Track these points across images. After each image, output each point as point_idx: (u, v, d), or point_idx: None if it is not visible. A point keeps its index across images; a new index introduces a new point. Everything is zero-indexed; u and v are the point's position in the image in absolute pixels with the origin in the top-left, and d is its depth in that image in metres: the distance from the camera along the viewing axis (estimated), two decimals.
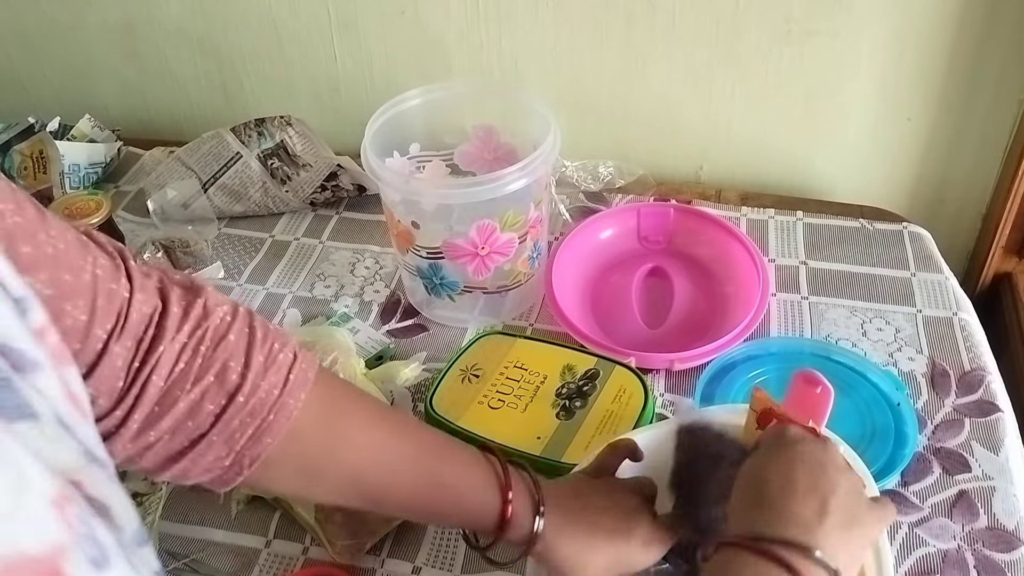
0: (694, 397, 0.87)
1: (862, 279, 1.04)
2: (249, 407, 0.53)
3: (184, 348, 0.51)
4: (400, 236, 0.95)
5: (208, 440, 0.52)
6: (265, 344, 0.54)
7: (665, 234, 1.08)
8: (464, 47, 1.22)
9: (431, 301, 1.00)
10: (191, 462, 0.53)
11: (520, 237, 0.94)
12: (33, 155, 1.20)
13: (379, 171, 0.90)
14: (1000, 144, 1.15)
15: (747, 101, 1.19)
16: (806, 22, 1.10)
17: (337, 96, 1.32)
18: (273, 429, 0.54)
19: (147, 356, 0.50)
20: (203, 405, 0.52)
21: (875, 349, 0.94)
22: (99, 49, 1.36)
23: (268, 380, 0.53)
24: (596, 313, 1.02)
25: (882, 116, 1.17)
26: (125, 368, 0.49)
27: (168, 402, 0.51)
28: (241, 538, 0.80)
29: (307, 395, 0.55)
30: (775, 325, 0.98)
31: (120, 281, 0.49)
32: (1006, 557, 0.75)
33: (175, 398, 0.51)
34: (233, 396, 0.52)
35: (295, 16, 1.25)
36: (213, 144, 1.17)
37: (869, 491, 0.59)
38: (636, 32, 1.15)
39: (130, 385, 0.50)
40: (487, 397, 0.84)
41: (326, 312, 1.03)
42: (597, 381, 0.84)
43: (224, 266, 1.09)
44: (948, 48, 1.09)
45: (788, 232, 1.11)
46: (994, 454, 0.83)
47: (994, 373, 0.92)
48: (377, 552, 0.78)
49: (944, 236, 1.14)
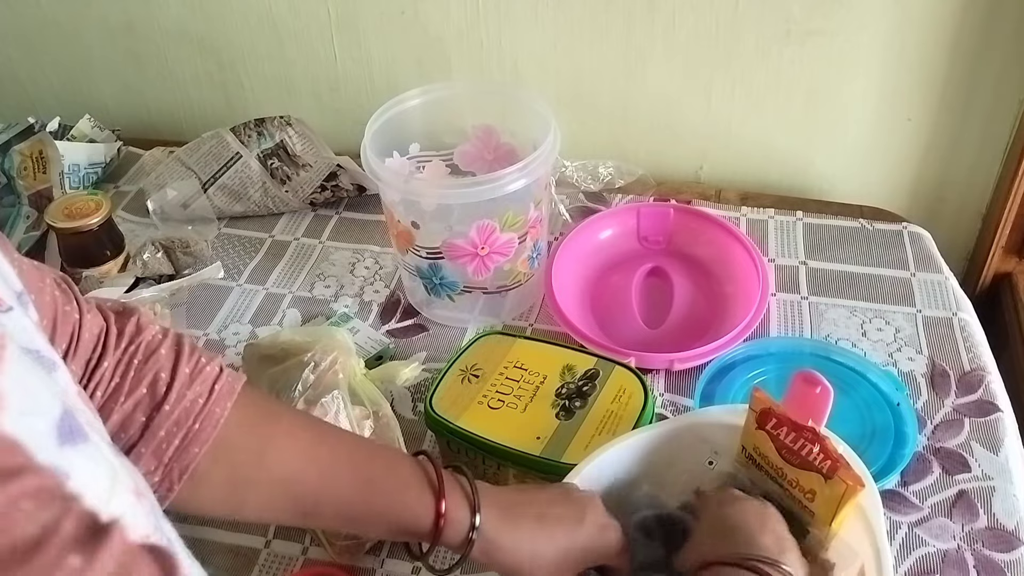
0: (694, 397, 0.87)
1: (862, 279, 1.04)
2: (175, 416, 0.53)
3: (119, 363, 0.53)
4: (400, 236, 0.95)
5: (137, 452, 0.53)
6: (192, 358, 0.56)
7: (665, 234, 1.08)
8: (464, 47, 1.22)
9: (431, 301, 1.00)
10: None
11: (520, 237, 0.94)
12: (33, 155, 1.20)
13: (379, 171, 0.90)
14: (1000, 144, 1.15)
15: (747, 101, 1.19)
16: (806, 22, 1.10)
17: (337, 96, 1.32)
18: (200, 438, 0.54)
19: (92, 373, 0.51)
20: (135, 416, 0.53)
21: (875, 349, 0.94)
22: (99, 49, 1.36)
23: (193, 390, 0.54)
24: (596, 313, 1.02)
25: (882, 116, 1.17)
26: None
27: (104, 415, 0.52)
28: (241, 538, 0.80)
29: (233, 406, 0.56)
30: (775, 325, 0.98)
31: (72, 303, 0.52)
32: (1006, 557, 0.75)
33: (110, 411, 0.52)
34: (160, 405, 0.53)
35: (295, 16, 1.25)
36: (213, 144, 1.17)
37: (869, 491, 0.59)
38: (636, 32, 1.15)
39: None
40: (487, 397, 0.84)
41: (326, 312, 1.03)
42: (597, 381, 0.84)
43: (224, 266, 1.09)
44: (948, 48, 1.09)
45: (788, 232, 1.11)
46: (994, 454, 0.83)
47: (994, 373, 0.92)
48: (377, 552, 0.78)
49: (944, 236, 1.14)
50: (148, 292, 0.98)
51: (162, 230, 1.12)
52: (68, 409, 0.31)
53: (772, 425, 0.61)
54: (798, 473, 0.60)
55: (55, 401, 0.31)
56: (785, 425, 0.60)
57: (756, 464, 0.65)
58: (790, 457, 0.61)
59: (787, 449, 0.61)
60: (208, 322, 1.03)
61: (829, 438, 0.59)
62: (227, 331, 1.02)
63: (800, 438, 0.60)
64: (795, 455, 0.60)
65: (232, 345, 1.00)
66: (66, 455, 0.29)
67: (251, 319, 1.03)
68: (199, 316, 1.03)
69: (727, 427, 0.67)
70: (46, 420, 0.30)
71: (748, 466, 0.66)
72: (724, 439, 0.68)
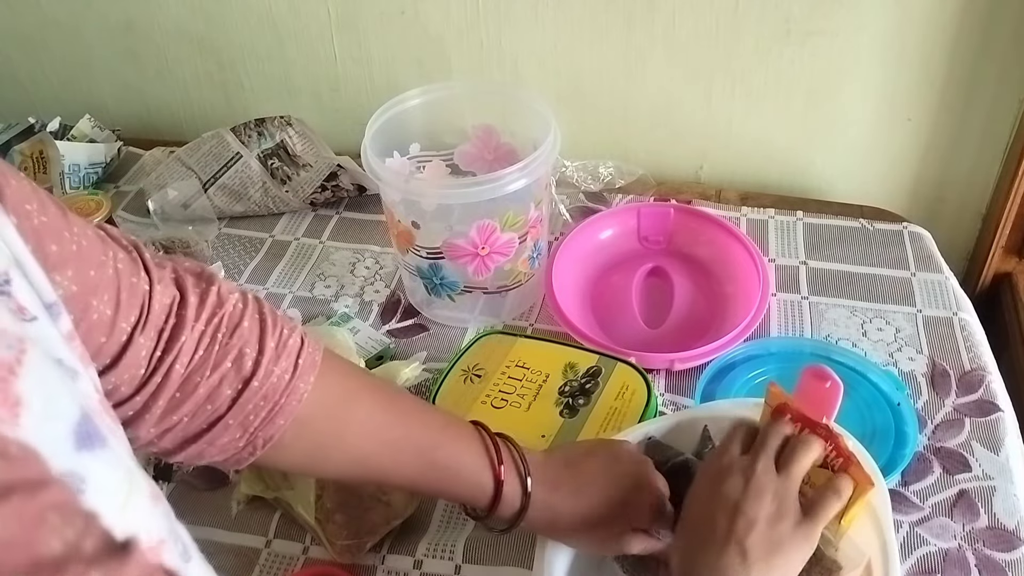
0: (694, 397, 0.87)
1: (862, 279, 1.04)
2: (263, 391, 0.55)
3: (203, 336, 0.53)
4: (400, 236, 0.95)
5: (224, 423, 0.54)
6: (276, 331, 0.56)
7: (665, 234, 1.08)
8: (464, 47, 1.22)
9: (431, 301, 1.00)
10: (207, 443, 0.55)
11: (520, 237, 0.94)
12: (33, 155, 1.20)
13: (379, 171, 0.90)
14: (1000, 144, 1.15)
15: (747, 101, 1.19)
16: (806, 22, 1.10)
17: (337, 96, 1.32)
18: (285, 411, 0.56)
19: (169, 344, 0.51)
20: (221, 390, 0.53)
21: (875, 349, 0.94)
22: (99, 49, 1.36)
23: (280, 365, 0.55)
24: (596, 313, 1.02)
25: (882, 116, 1.17)
26: (148, 357, 0.51)
27: (189, 388, 0.52)
28: (241, 538, 0.80)
29: (315, 378, 0.57)
30: (775, 325, 0.98)
31: (140, 274, 0.51)
32: (1006, 556, 0.75)
33: (195, 384, 0.52)
34: (248, 381, 0.54)
35: (295, 16, 1.25)
36: (213, 144, 1.17)
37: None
38: (636, 32, 1.15)
39: (151, 373, 0.51)
40: (490, 397, 0.84)
41: (326, 312, 1.03)
42: (599, 378, 0.84)
43: (224, 266, 1.09)
44: (948, 48, 1.09)
45: (788, 232, 1.11)
46: (994, 454, 0.83)
47: (994, 373, 0.92)
48: (378, 549, 0.78)
49: (944, 236, 1.14)
50: None
51: (162, 230, 1.12)
52: (87, 414, 0.31)
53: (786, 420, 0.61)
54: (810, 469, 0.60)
55: (74, 405, 0.31)
56: (799, 421, 0.60)
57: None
58: None
59: None
60: None
61: (842, 436, 0.59)
62: None
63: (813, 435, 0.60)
64: None
65: None
66: (83, 460, 0.29)
67: None
68: None
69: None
70: (65, 424, 0.30)
71: None
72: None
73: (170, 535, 0.32)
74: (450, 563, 0.76)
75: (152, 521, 0.31)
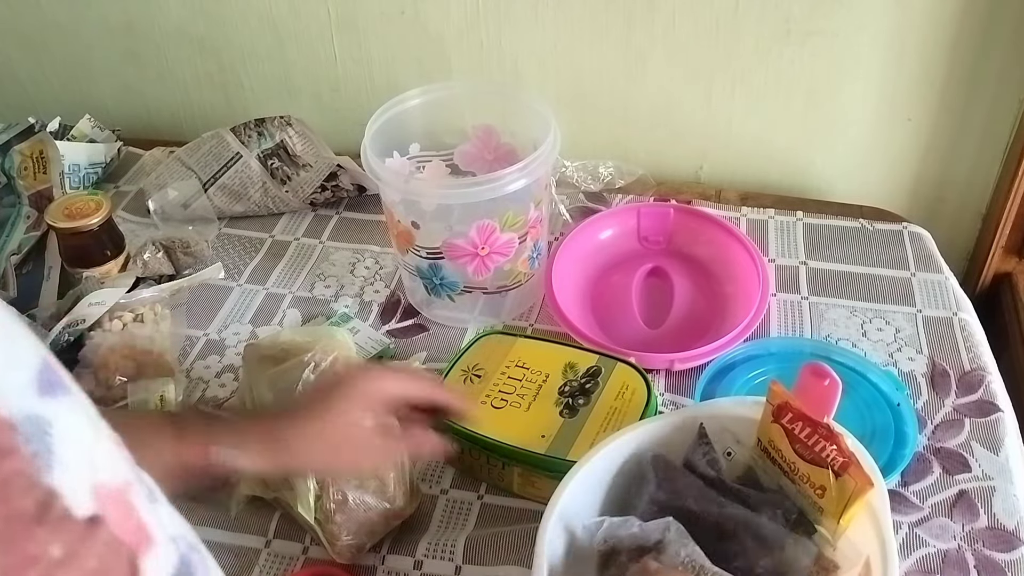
0: (694, 397, 0.87)
1: (862, 279, 1.04)
2: None
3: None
4: (400, 236, 0.95)
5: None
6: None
7: (665, 234, 1.08)
8: (464, 47, 1.22)
9: (431, 301, 1.00)
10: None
11: (520, 237, 0.94)
12: (33, 155, 1.20)
13: (379, 171, 0.90)
14: (1000, 144, 1.15)
15: (747, 101, 1.19)
16: (806, 22, 1.10)
17: (337, 96, 1.32)
18: None
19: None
20: None
21: (875, 349, 0.94)
22: (99, 49, 1.36)
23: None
24: (596, 313, 1.02)
25: (882, 116, 1.17)
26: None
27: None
28: (241, 538, 0.80)
29: None
30: (775, 325, 0.98)
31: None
32: (1006, 557, 0.75)
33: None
34: None
35: (295, 16, 1.25)
36: (213, 144, 1.17)
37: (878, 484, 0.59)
38: (636, 32, 1.15)
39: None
40: (490, 397, 0.84)
41: (326, 312, 1.03)
42: (599, 378, 0.84)
43: (224, 266, 1.09)
44: (948, 48, 1.09)
45: (788, 232, 1.11)
46: (994, 454, 0.83)
47: (994, 373, 0.92)
48: (378, 549, 0.78)
49: (944, 236, 1.14)
50: (148, 292, 0.98)
51: (162, 230, 1.12)
52: (48, 363, 0.31)
53: (788, 419, 0.61)
54: (810, 469, 0.60)
55: (36, 356, 0.30)
56: (800, 420, 0.60)
57: (770, 457, 0.65)
58: (803, 452, 0.61)
59: (801, 444, 0.61)
60: (208, 322, 1.03)
61: (842, 435, 0.59)
62: (227, 331, 1.02)
63: (815, 434, 0.60)
64: (808, 450, 0.60)
65: (232, 345, 1.00)
66: (48, 405, 0.29)
67: (251, 319, 1.03)
68: (199, 316, 1.03)
69: (737, 419, 0.67)
70: (27, 373, 0.29)
71: (763, 458, 0.66)
72: (739, 430, 0.68)
73: (136, 479, 0.33)
74: (450, 563, 0.76)
75: (119, 464, 0.32)
